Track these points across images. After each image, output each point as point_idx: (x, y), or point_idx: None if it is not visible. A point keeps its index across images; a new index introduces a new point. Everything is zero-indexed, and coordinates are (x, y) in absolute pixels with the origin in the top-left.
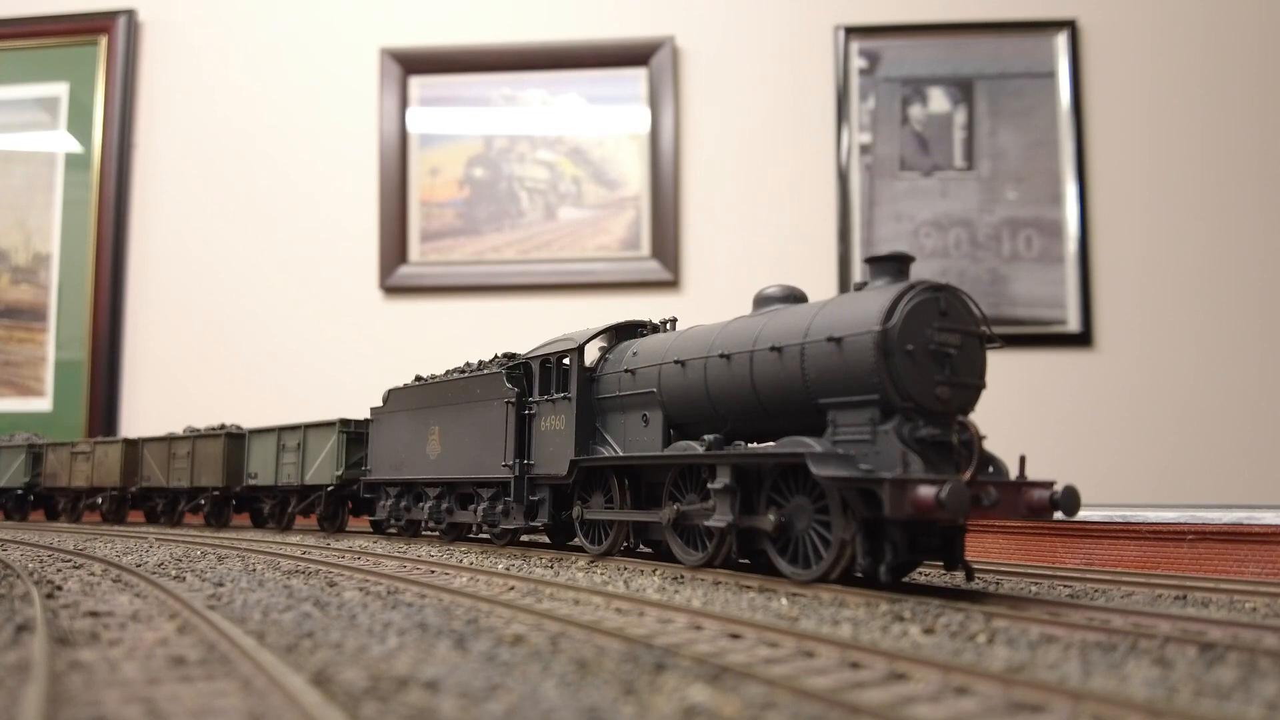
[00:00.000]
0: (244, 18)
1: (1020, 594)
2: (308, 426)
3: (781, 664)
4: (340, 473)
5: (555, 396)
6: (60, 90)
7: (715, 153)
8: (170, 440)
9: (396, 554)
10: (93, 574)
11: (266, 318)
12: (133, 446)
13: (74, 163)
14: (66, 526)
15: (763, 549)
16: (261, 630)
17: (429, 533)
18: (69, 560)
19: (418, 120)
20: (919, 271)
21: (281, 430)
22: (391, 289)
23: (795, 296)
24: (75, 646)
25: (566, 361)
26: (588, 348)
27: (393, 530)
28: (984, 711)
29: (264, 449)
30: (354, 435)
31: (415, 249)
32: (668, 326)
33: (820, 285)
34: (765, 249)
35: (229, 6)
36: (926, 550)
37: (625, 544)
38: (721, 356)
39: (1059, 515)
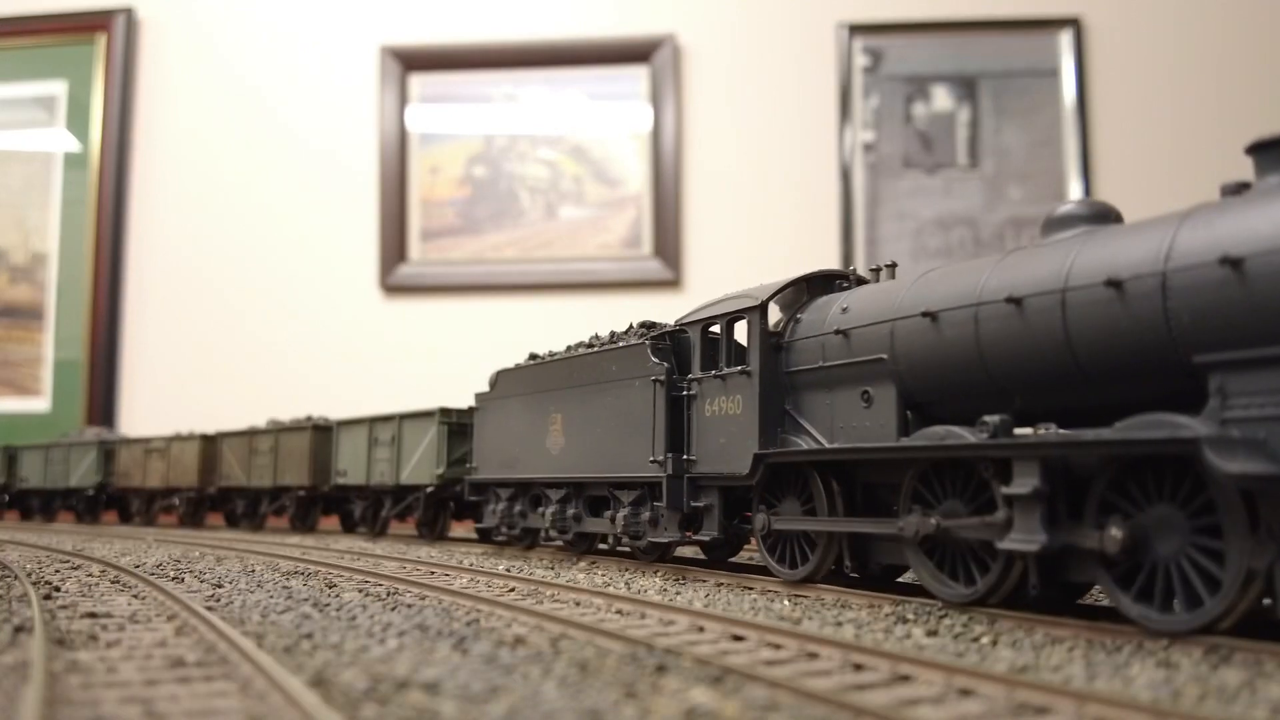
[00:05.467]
0: (243, 16)
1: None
2: (403, 417)
3: (784, 666)
4: (441, 471)
5: (727, 372)
6: (58, 89)
7: (717, 151)
8: (251, 434)
9: (396, 555)
10: (91, 575)
11: (266, 317)
12: (210, 442)
13: (72, 161)
14: (66, 527)
15: (1075, 580)
16: (261, 631)
17: (550, 544)
18: (67, 561)
19: (418, 118)
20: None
21: (373, 421)
22: (391, 288)
23: (1108, 214)
24: (73, 647)
25: (741, 326)
26: (771, 306)
27: (502, 539)
28: (988, 713)
29: (354, 443)
30: (456, 427)
31: (415, 248)
32: (880, 274)
33: None
34: (767, 248)
35: (228, 5)
36: None
37: (833, 565)
38: (1009, 302)
39: None
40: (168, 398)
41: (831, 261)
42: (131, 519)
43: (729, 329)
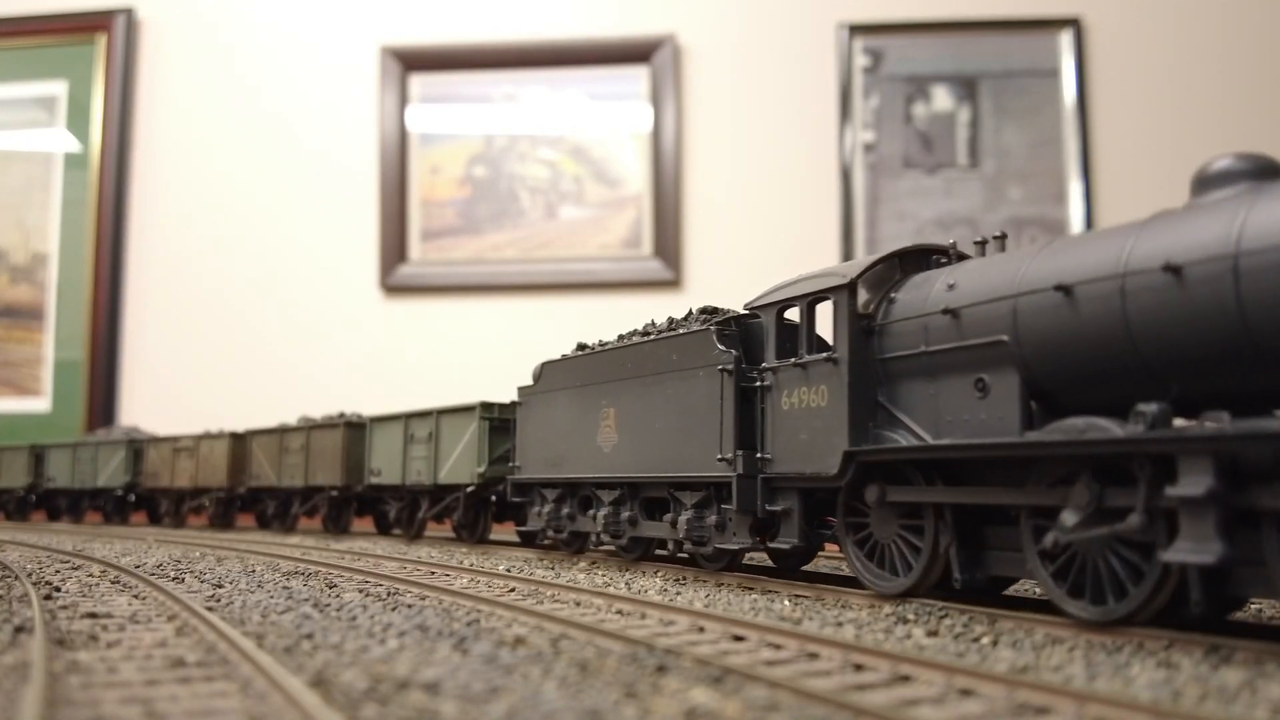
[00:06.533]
0: (243, 16)
1: (1022, 595)
2: (440, 412)
3: (784, 666)
4: (483, 470)
5: (808, 359)
6: (59, 89)
7: (717, 151)
8: (282, 432)
9: (397, 555)
10: (91, 575)
11: (266, 317)
12: (240, 441)
13: (72, 162)
14: (65, 527)
15: (1240, 594)
16: (261, 632)
17: (601, 549)
18: (67, 561)
19: (418, 118)
20: None
21: (409, 418)
22: (392, 288)
23: (1274, 169)
24: (74, 648)
25: (825, 308)
26: (860, 284)
27: (548, 543)
28: (988, 714)
29: (388, 441)
30: (498, 423)
31: (415, 248)
32: (985, 248)
33: None
34: (768, 248)
35: (228, 4)
36: None
37: (942, 577)
38: (1165, 271)
39: None
40: (168, 398)
41: (831, 262)
42: (160, 520)
43: (809, 312)
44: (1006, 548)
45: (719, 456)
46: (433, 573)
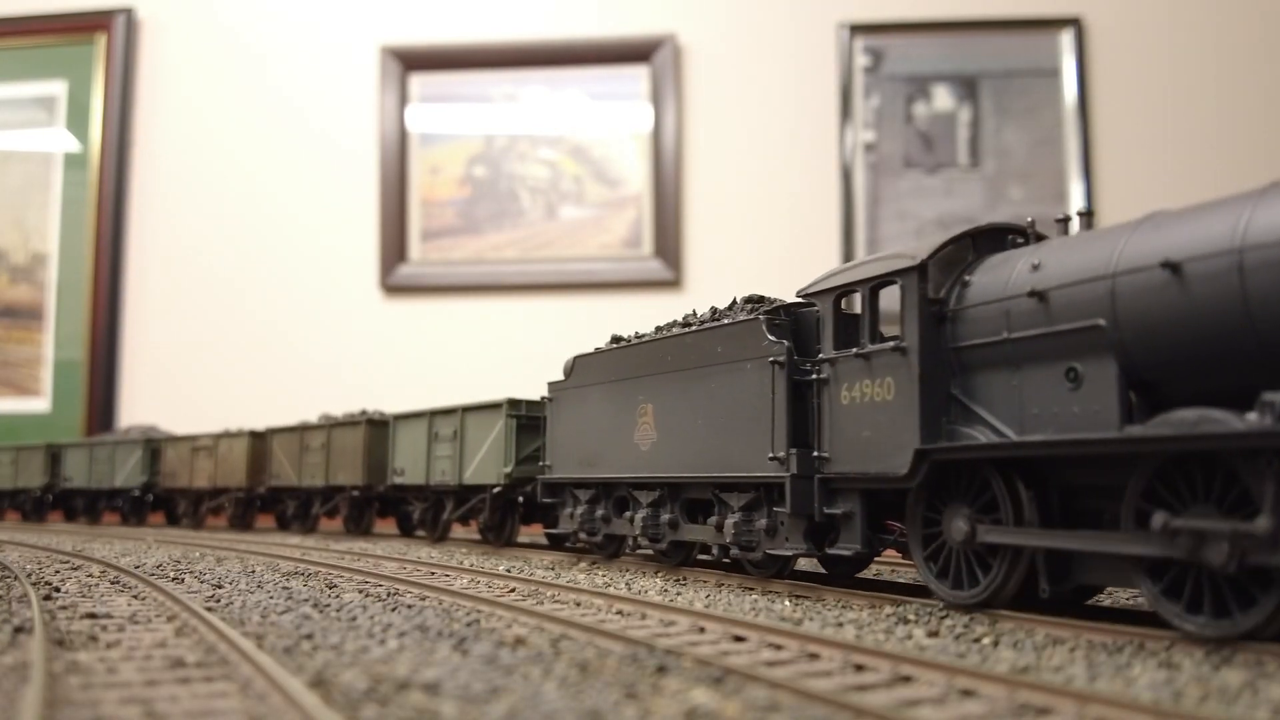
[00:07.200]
0: (243, 15)
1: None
2: (466, 410)
3: (785, 666)
4: (510, 469)
5: (872, 349)
6: (58, 89)
7: (718, 151)
8: (302, 430)
9: (396, 555)
10: (91, 575)
11: (266, 317)
12: (260, 439)
13: (72, 161)
14: (65, 527)
15: None
16: (261, 632)
17: (639, 553)
18: (67, 561)
19: (418, 118)
20: None
21: (433, 415)
22: (392, 288)
23: None
24: (73, 648)
25: (891, 293)
26: (931, 267)
27: (580, 545)
28: (989, 714)
29: (412, 439)
30: (526, 421)
31: (415, 248)
32: (1067, 226)
33: None
34: (768, 248)
35: (228, 4)
36: None
37: (1027, 587)
38: None
39: None
40: (168, 398)
41: (832, 262)
42: (179, 521)
43: (873, 297)
44: (1099, 553)
45: (770, 455)
46: (433, 573)
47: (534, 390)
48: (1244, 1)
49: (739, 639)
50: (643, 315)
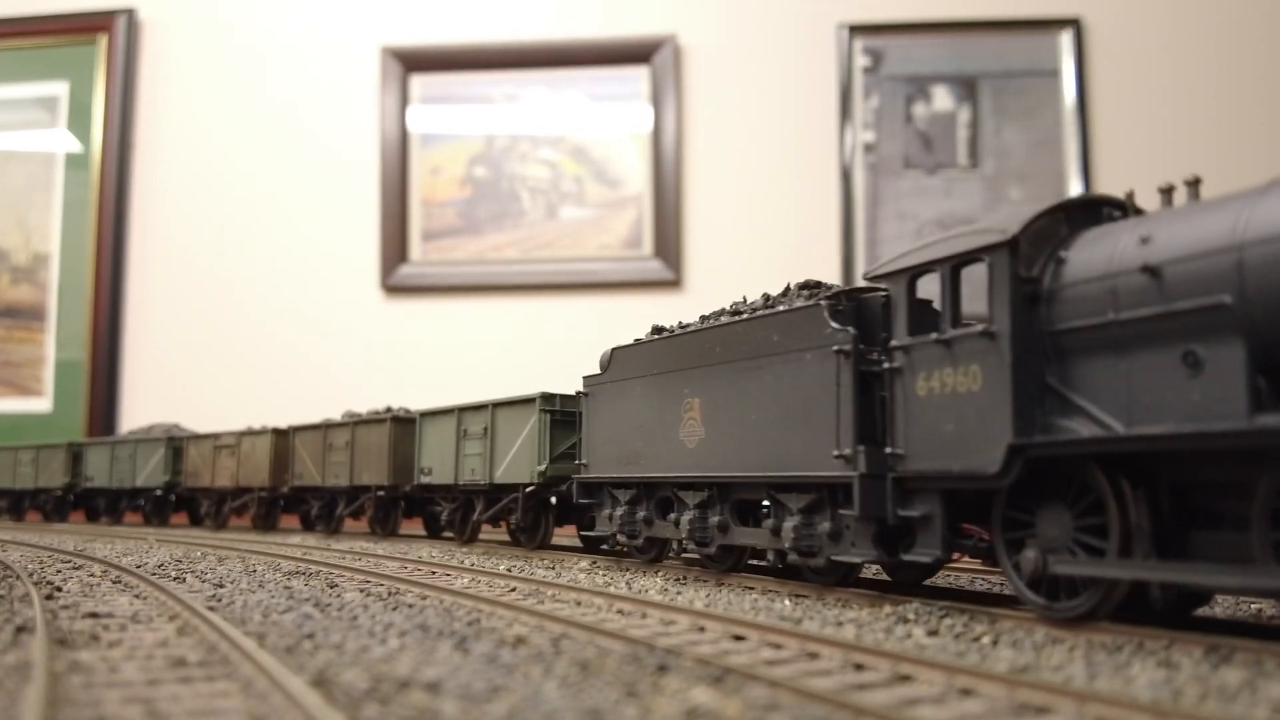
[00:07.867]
0: (244, 16)
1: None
2: (496, 405)
3: (785, 666)
4: (544, 468)
5: (954, 334)
6: (60, 89)
7: (718, 151)
8: (326, 428)
9: (398, 555)
10: (92, 575)
11: (267, 317)
12: (283, 438)
13: (74, 162)
14: (65, 527)
15: None
16: (262, 632)
17: (683, 557)
18: (69, 561)
19: (419, 119)
20: None
21: (462, 411)
22: (392, 288)
23: None
24: (75, 648)
25: (975, 272)
26: (1023, 242)
27: (619, 548)
28: (989, 713)
29: (440, 437)
30: (560, 417)
31: (416, 248)
32: (1171, 196)
33: None
34: (768, 248)
35: (229, 5)
36: None
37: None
38: None
39: None
40: (169, 398)
41: (832, 263)
42: (201, 522)
43: (953, 278)
44: (1222, 558)
45: (835, 453)
46: (433, 573)
47: (535, 390)
48: (1244, 1)
49: (739, 638)
50: (643, 315)
